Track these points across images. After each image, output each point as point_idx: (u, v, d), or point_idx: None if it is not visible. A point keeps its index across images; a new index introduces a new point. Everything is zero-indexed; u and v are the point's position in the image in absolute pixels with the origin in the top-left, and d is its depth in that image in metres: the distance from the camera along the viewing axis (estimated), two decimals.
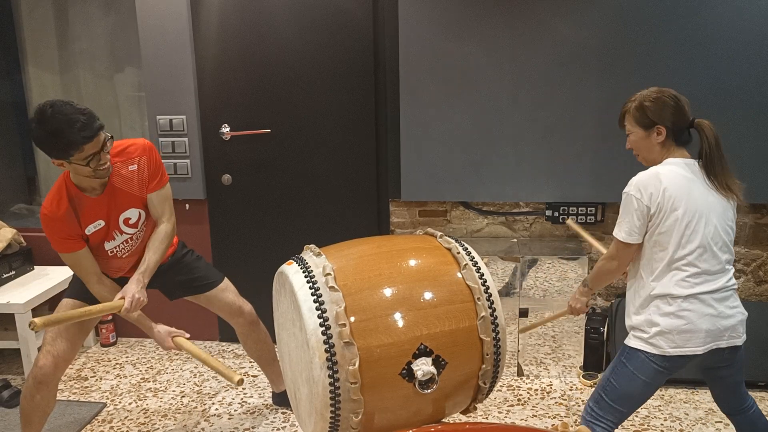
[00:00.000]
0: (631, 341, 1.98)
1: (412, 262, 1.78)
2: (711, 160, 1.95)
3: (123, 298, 2.22)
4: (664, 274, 1.91)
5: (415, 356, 1.63)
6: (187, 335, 2.32)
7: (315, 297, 1.63)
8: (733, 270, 1.97)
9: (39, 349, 2.41)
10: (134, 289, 2.23)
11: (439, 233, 1.92)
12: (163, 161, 2.42)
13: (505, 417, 2.83)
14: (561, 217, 3.23)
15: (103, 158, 2.11)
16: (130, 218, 2.33)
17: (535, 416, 2.83)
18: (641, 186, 1.92)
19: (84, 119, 2.02)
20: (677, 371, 1.97)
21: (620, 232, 1.96)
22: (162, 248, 2.36)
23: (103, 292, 2.30)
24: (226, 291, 2.63)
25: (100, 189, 2.25)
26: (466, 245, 1.86)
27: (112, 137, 2.16)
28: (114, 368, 3.41)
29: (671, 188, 1.89)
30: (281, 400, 2.91)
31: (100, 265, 2.40)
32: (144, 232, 2.40)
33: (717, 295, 1.91)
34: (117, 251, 2.36)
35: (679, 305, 1.89)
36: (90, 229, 2.26)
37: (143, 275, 2.28)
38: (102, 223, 2.28)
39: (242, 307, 2.65)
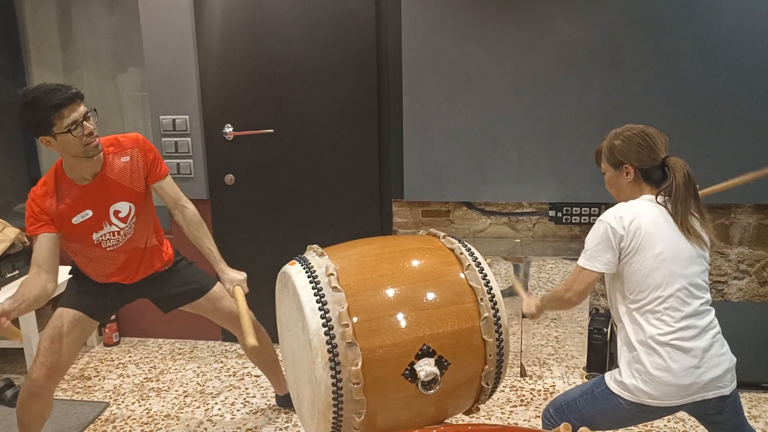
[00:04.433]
0: (610, 382, 1.87)
1: (415, 263, 1.77)
2: (675, 199, 1.83)
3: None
4: (645, 318, 1.81)
5: (418, 357, 1.62)
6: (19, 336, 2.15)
7: (318, 297, 1.63)
8: (714, 311, 1.85)
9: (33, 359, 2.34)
10: (237, 274, 2.39)
11: (442, 233, 1.92)
12: (165, 161, 2.41)
13: (508, 418, 2.83)
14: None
15: (87, 128, 2.11)
16: (120, 211, 2.30)
17: (538, 417, 2.82)
18: (618, 215, 1.84)
19: (62, 88, 2.06)
20: (654, 420, 1.86)
21: (583, 259, 1.87)
22: (207, 233, 2.44)
23: (32, 283, 2.15)
24: (224, 300, 2.55)
25: (90, 178, 2.24)
26: (468, 246, 1.85)
27: (95, 110, 2.17)
28: (117, 368, 3.41)
29: (648, 224, 1.81)
30: (285, 402, 2.91)
31: (88, 267, 2.38)
32: (133, 231, 2.35)
33: (702, 342, 1.78)
34: (102, 240, 2.30)
35: (661, 355, 1.77)
36: (77, 219, 2.24)
37: (220, 262, 2.42)
38: (90, 213, 2.25)
39: None
